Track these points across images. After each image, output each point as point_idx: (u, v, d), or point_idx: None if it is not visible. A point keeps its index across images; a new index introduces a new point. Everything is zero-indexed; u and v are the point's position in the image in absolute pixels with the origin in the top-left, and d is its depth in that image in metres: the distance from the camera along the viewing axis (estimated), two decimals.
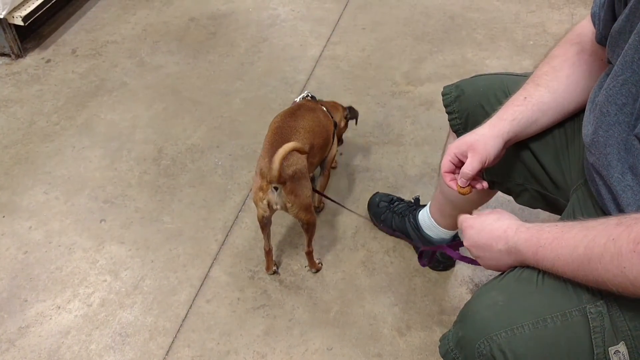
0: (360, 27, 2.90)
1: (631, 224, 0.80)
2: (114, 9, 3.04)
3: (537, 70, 1.18)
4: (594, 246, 0.83)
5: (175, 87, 2.55)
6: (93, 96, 2.50)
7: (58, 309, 1.73)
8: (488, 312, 0.96)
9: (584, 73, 1.13)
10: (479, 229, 1.05)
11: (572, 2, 3.05)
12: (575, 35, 1.16)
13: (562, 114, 1.17)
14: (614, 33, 0.97)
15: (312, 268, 1.81)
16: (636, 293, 0.81)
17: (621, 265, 0.79)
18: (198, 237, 1.92)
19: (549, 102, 1.14)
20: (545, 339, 0.91)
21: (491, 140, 1.13)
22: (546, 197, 1.28)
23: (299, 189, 1.55)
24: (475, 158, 1.12)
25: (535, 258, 0.94)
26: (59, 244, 1.90)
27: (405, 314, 1.70)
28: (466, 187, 1.16)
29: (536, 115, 1.15)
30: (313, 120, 1.72)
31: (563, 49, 1.16)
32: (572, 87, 1.13)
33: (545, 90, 1.14)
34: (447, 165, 1.17)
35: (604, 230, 0.84)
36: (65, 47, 2.77)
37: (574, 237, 0.88)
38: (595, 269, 0.84)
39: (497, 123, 1.15)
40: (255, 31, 2.89)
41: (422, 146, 2.24)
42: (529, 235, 0.96)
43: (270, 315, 1.71)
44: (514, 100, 1.16)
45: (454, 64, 2.65)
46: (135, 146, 2.26)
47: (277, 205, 1.56)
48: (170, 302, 1.74)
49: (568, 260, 0.88)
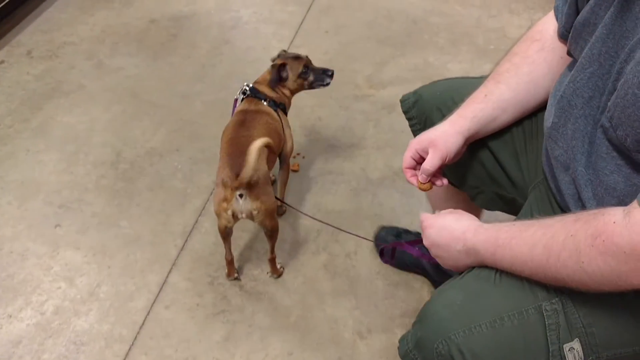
0: (323, 31, 2.90)
1: (589, 220, 0.81)
2: (72, 10, 2.97)
3: (498, 67, 1.18)
4: (553, 243, 0.84)
5: (134, 89, 2.50)
6: (49, 98, 2.43)
7: (9, 318, 1.67)
8: (446, 311, 0.96)
9: (544, 70, 1.14)
10: (439, 228, 1.05)
11: (531, 8, 3.11)
12: (536, 32, 1.16)
13: (522, 111, 1.18)
14: (578, 25, 0.97)
15: (275, 274, 1.79)
16: (595, 288, 0.81)
17: (580, 260, 0.80)
18: (156, 242, 1.88)
19: (509, 99, 1.15)
20: (503, 338, 0.91)
21: (452, 137, 1.13)
22: (503, 197, 1.29)
23: (264, 195, 1.54)
24: (436, 154, 1.12)
25: (493, 259, 0.95)
26: (10, 251, 1.84)
27: (367, 317, 1.70)
28: (426, 183, 1.16)
29: (496, 113, 1.15)
30: (263, 125, 1.70)
31: (524, 46, 1.17)
32: (532, 84, 1.14)
33: (505, 87, 1.14)
34: (408, 161, 1.17)
35: (562, 227, 0.84)
36: (20, 48, 2.69)
37: (532, 235, 0.88)
38: (554, 266, 0.84)
39: (457, 120, 1.15)
40: (217, 33, 2.86)
41: (384, 149, 2.24)
42: (487, 236, 0.97)
43: (230, 320, 1.68)
44: (474, 98, 1.16)
45: (416, 67, 2.67)
46: (93, 150, 2.20)
47: (243, 214, 1.55)
48: (128, 308, 1.70)
49: (527, 259, 0.88)
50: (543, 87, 1.14)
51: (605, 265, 0.77)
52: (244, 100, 1.81)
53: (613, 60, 0.87)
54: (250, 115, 1.73)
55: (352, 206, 2.01)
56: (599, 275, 0.79)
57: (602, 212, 0.80)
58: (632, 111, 0.79)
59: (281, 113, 1.83)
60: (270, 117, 1.77)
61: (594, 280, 0.80)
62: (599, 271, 0.78)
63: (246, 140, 1.59)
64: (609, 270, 0.77)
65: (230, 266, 1.75)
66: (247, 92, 1.81)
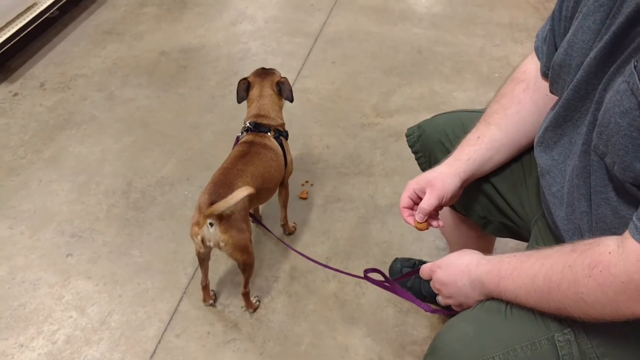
0: (330, 61, 2.95)
1: (585, 250, 0.82)
2: (84, 43, 3.04)
3: (488, 109, 1.22)
4: (552, 274, 0.85)
5: (145, 120, 2.54)
6: (61, 129, 2.47)
7: (21, 347, 1.67)
8: (458, 344, 0.97)
9: (530, 109, 1.17)
10: (445, 267, 1.07)
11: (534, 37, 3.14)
12: (521, 73, 1.20)
13: (515, 150, 1.21)
14: (555, 66, 1.00)
15: (249, 308, 1.78)
16: (597, 318, 0.82)
17: (579, 291, 0.81)
18: (167, 270, 1.90)
19: (501, 139, 1.17)
20: None
21: (449, 178, 1.16)
22: (510, 228, 1.31)
23: (234, 229, 1.55)
24: (433, 194, 1.14)
25: (497, 290, 0.96)
26: (23, 280, 1.86)
27: (377, 344, 1.69)
28: (423, 222, 1.18)
29: (490, 153, 1.18)
30: (264, 166, 1.71)
31: (510, 87, 1.20)
32: (520, 122, 1.17)
33: (496, 128, 1.17)
34: (406, 201, 1.20)
35: (560, 258, 0.86)
36: (33, 81, 2.75)
37: (532, 266, 0.90)
38: (555, 297, 0.85)
39: (453, 163, 1.18)
40: (226, 65, 2.91)
41: (392, 177, 2.26)
42: (489, 267, 0.98)
43: (241, 349, 1.68)
44: (468, 141, 1.20)
45: (421, 96, 2.70)
46: (104, 179, 2.23)
47: (210, 242, 1.55)
48: (139, 337, 1.70)
49: (529, 290, 0.90)
50: (531, 125, 1.17)
51: (604, 295, 0.79)
52: (250, 133, 1.81)
53: (602, 92, 0.88)
54: (254, 149, 1.73)
55: (361, 233, 2.02)
56: (599, 305, 0.80)
57: (598, 242, 0.82)
58: (617, 140, 0.79)
59: (284, 140, 1.85)
60: (273, 154, 1.77)
61: (595, 310, 0.81)
62: (598, 301, 0.80)
63: (238, 174, 1.62)
64: (608, 300, 0.78)
65: (205, 291, 1.76)
66: (249, 129, 1.80)
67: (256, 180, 1.65)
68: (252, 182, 1.62)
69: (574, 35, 0.94)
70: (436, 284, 1.09)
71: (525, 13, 3.41)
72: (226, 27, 3.21)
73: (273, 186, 1.79)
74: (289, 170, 1.89)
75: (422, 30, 3.22)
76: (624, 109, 0.77)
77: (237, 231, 1.56)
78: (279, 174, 1.79)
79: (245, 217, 1.61)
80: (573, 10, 0.98)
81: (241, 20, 3.28)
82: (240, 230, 1.57)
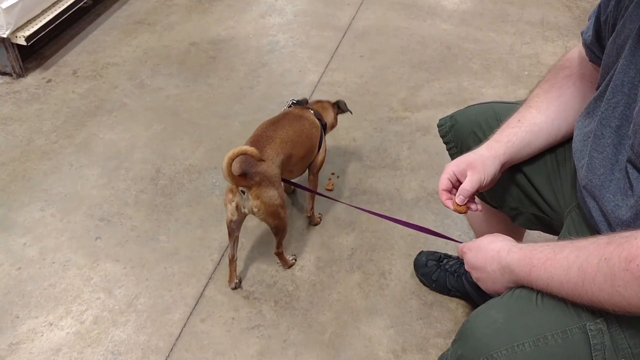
0: (358, 55, 2.95)
1: (622, 242, 0.81)
2: (116, 33, 3.08)
3: (530, 94, 1.23)
4: (587, 267, 0.84)
5: (174, 109, 2.57)
6: (92, 116, 2.51)
7: (50, 326, 1.71)
8: (488, 330, 0.96)
9: (572, 94, 1.17)
10: (475, 251, 1.07)
11: (565, 35, 3.12)
12: (565, 60, 1.22)
13: (553, 135, 1.20)
14: (605, 57, 1.01)
15: (284, 265, 1.85)
16: (633, 311, 0.81)
17: (615, 284, 0.80)
18: (194, 256, 1.92)
19: (540, 122, 1.17)
20: (546, 357, 0.90)
21: (489, 161, 1.15)
22: (542, 219, 1.30)
23: (265, 195, 1.59)
24: (475, 176, 1.14)
25: (528, 278, 0.95)
26: (53, 261, 1.89)
27: (401, 336, 1.69)
28: (463, 205, 1.17)
29: (529, 137, 1.18)
30: (294, 131, 1.75)
31: (553, 73, 1.22)
32: (561, 107, 1.17)
33: (536, 111, 1.18)
34: (445, 183, 1.19)
35: (596, 250, 0.85)
36: (66, 68, 2.80)
37: (566, 257, 0.89)
38: (589, 289, 0.84)
39: (493, 145, 1.18)
40: (255, 56, 2.93)
41: (418, 171, 2.25)
42: (521, 255, 0.97)
43: (265, 335, 1.69)
44: (509, 123, 1.20)
45: (450, 91, 2.69)
46: (133, 165, 2.26)
47: (245, 209, 1.61)
48: (164, 320, 1.73)
49: (562, 281, 0.89)
50: (572, 110, 1.16)
51: None
52: (292, 106, 1.88)
53: (637, 89, 0.89)
54: (288, 117, 1.78)
55: (387, 226, 2.02)
56: (636, 300, 0.79)
57: (635, 236, 0.80)
58: None
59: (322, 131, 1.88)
60: (309, 123, 1.82)
61: (631, 304, 0.80)
62: (635, 295, 0.78)
63: (266, 141, 1.66)
64: None
65: (231, 267, 1.79)
66: (292, 104, 1.89)
67: (285, 145, 1.68)
68: (281, 148, 1.66)
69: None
70: (466, 266, 1.09)
71: (557, 12, 3.37)
72: (255, 20, 3.23)
73: (303, 155, 1.80)
74: (321, 160, 1.91)
75: (451, 27, 3.20)
76: None
77: (269, 197, 1.60)
78: (310, 144, 1.81)
79: (276, 183, 1.63)
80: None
81: (270, 13, 3.29)
82: (272, 196, 1.60)
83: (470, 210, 1.19)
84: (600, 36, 1.07)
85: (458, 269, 1.77)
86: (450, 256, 1.84)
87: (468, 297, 1.75)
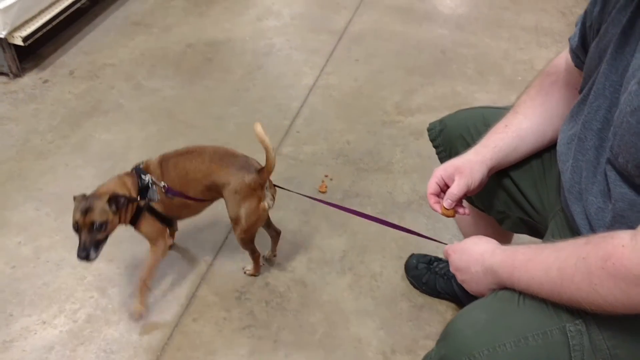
0: (353, 59, 2.97)
1: (599, 242, 0.84)
2: (113, 34, 3.10)
3: (517, 100, 1.26)
4: (566, 267, 0.87)
5: (170, 110, 2.59)
6: (88, 116, 2.53)
7: (43, 324, 1.72)
8: (470, 330, 0.98)
9: (558, 101, 1.20)
10: (460, 252, 1.09)
11: (559, 42, 3.14)
12: (551, 67, 1.24)
13: (539, 141, 1.22)
14: (587, 61, 1.03)
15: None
16: (609, 310, 0.83)
17: (592, 283, 0.82)
18: (187, 257, 1.93)
19: (526, 128, 1.20)
20: (527, 357, 0.93)
21: (476, 165, 1.18)
22: (528, 223, 1.32)
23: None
24: (462, 180, 1.16)
25: (511, 280, 0.98)
26: (47, 260, 1.91)
27: (390, 337, 1.71)
28: (450, 209, 1.19)
29: (515, 142, 1.20)
30: None
31: (539, 80, 1.25)
32: (547, 113, 1.20)
33: (522, 117, 1.21)
34: (433, 187, 1.21)
35: (574, 250, 0.87)
36: (63, 69, 2.81)
37: (546, 258, 0.91)
38: (568, 289, 0.87)
39: (480, 150, 1.20)
40: (251, 59, 2.95)
41: (410, 174, 2.27)
42: (504, 257, 1.00)
43: (256, 335, 1.71)
44: (496, 129, 1.23)
45: (443, 96, 2.71)
46: (128, 166, 2.24)
47: (272, 202, 1.67)
48: (157, 320, 1.74)
49: (542, 282, 0.91)
50: (558, 116, 1.19)
51: (617, 288, 0.80)
52: None
53: (618, 93, 0.91)
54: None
55: (379, 228, 2.03)
56: (611, 298, 0.81)
57: (612, 235, 0.83)
58: (628, 139, 0.83)
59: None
60: None
61: (607, 303, 0.82)
62: (611, 293, 0.81)
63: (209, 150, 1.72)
64: (620, 292, 0.80)
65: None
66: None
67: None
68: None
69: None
70: (451, 267, 1.11)
71: (552, 18, 3.40)
72: (252, 22, 3.25)
73: None
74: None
75: (447, 31, 3.23)
76: (633, 108, 0.81)
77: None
78: None
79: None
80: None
81: (267, 16, 3.32)
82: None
83: (458, 214, 1.21)
84: (586, 42, 1.09)
85: (448, 271, 1.79)
86: (440, 259, 1.86)
87: (457, 299, 1.77)
